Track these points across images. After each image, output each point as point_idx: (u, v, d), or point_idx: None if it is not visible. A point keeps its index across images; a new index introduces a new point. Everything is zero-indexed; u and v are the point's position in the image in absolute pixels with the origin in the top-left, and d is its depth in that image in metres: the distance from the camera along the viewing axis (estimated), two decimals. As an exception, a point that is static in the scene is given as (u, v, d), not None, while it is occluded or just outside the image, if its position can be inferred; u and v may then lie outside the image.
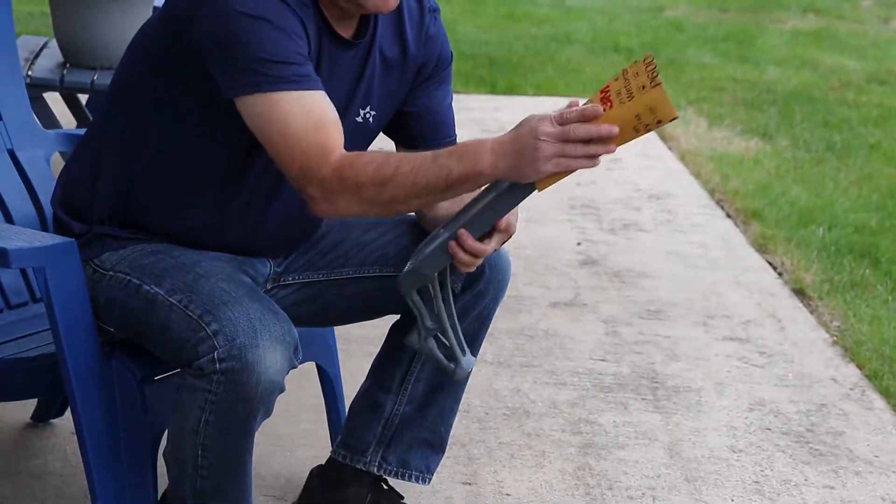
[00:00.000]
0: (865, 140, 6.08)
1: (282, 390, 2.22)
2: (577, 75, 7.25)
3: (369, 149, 2.49)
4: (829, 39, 8.66)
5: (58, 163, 3.81)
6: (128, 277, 2.34)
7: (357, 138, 2.47)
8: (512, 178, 2.15)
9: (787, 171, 5.54)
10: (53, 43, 4.37)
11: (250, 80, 2.18)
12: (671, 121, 2.06)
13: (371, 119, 2.45)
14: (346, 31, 2.36)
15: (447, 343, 2.36)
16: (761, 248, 4.59)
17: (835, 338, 3.85)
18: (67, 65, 4.18)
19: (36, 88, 4.12)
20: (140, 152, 2.37)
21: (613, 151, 2.09)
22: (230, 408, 2.19)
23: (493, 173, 2.14)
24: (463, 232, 2.23)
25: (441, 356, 2.36)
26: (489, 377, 3.45)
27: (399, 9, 2.42)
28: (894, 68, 7.76)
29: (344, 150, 2.21)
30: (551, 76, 7.19)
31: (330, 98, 2.28)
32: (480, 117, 6.24)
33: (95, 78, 4.06)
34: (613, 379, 3.51)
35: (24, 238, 2.36)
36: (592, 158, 2.09)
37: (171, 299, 2.26)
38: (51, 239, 2.39)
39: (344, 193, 2.19)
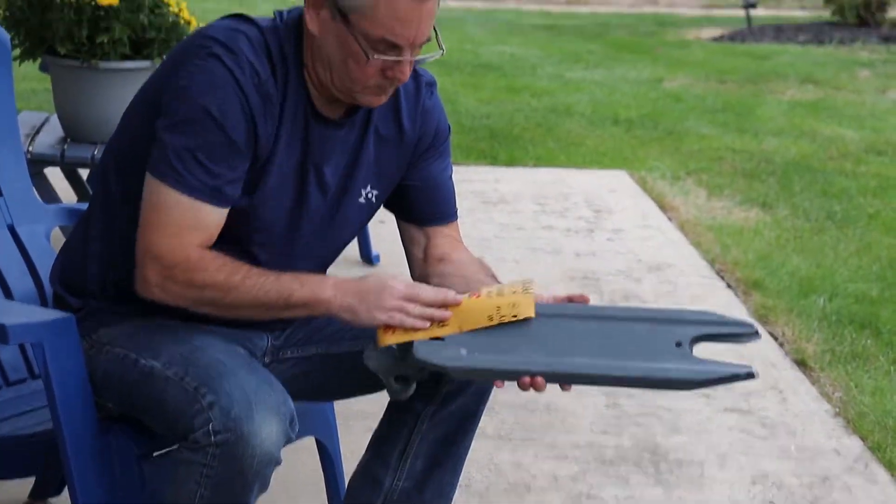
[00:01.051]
0: (864, 210, 6.10)
1: (278, 463, 2.20)
2: (578, 147, 7.28)
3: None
4: (827, 110, 8.71)
5: (58, 237, 3.83)
6: (124, 351, 2.34)
7: (360, 218, 2.48)
8: (347, 318, 2.24)
9: (786, 241, 5.55)
10: (54, 118, 4.40)
11: (163, 169, 2.24)
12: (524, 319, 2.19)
13: (374, 199, 2.47)
14: (334, 112, 2.37)
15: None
16: (762, 319, 4.59)
17: (837, 409, 3.83)
18: (68, 140, 4.21)
19: (37, 164, 4.14)
20: (123, 225, 2.38)
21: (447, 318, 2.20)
22: (226, 481, 2.18)
23: (333, 303, 2.23)
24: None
25: (392, 384, 2.30)
26: (490, 451, 3.44)
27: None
28: (892, 138, 7.80)
29: (204, 253, 2.26)
30: (552, 148, 7.23)
31: (329, 177, 2.33)
32: (481, 189, 6.26)
33: (96, 153, 4.08)
34: (615, 452, 3.49)
35: (22, 313, 2.36)
36: (426, 320, 2.20)
37: (167, 372, 2.26)
38: (49, 314, 2.39)
39: (185, 287, 2.26)
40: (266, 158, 2.31)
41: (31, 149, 4.16)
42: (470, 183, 6.32)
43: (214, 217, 2.28)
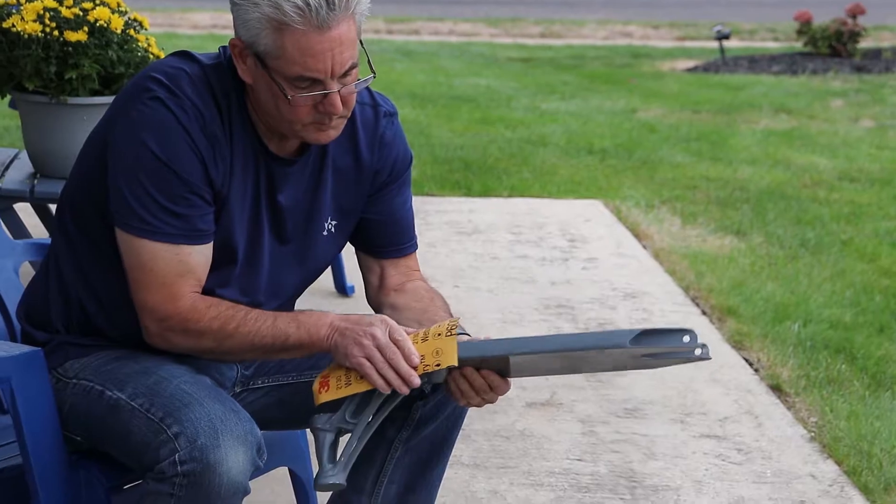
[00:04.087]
0: (838, 237, 6.12)
1: (246, 492, 2.19)
2: (552, 177, 7.29)
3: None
4: (800, 139, 8.75)
5: (28, 272, 3.81)
6: (91, 384, 2.33)
7: (326, 250, 2.48)
8: (333, 353, 2.27)
9: (761, 268, 5.56)
10: (24, 154, 4.38)
11: (130, 220, 2.25)
12: (448, 368, 2.23)
13: (334, 230, 2.46)
14: (286, 150, 2.37)
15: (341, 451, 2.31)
16: (737, 345, 4.59)
17: (812, 434, 3.83)
18: (38, 175, 4.19)
19: (6, 199, 4.13)
20: (82, 259, 2.38)
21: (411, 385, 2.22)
22: (194, 512, 2.16)
23: (328, 345, 2.27)
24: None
25: (324, 454, 2.29)
26: (466, 479, 3.42)
27: (352, 118, 2.42)
28: (865, 166, 7.84)
29: (195, 298, 2.28)
30: (526, 178, 7.24)
31: (287, 214, 2.34)
32: (456, 219, 6.26)
33: (66, 188, 4.06)
34: (591, 479, 3.48)
35: (-11, 348, 2.34)
36: (385, 384, 2.22)
37: (132, 403, 2.25)
38: (17, 349, 2.38)
39: (184, 336, 2.29)
40: (223, 200, 2.30)
41: (0, 184, 4.14)
42: (444, 213, 6.32)
43: (198, 256, 2.28)
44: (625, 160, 7.85)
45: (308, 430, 2.51)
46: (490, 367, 2.27)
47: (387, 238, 2.53)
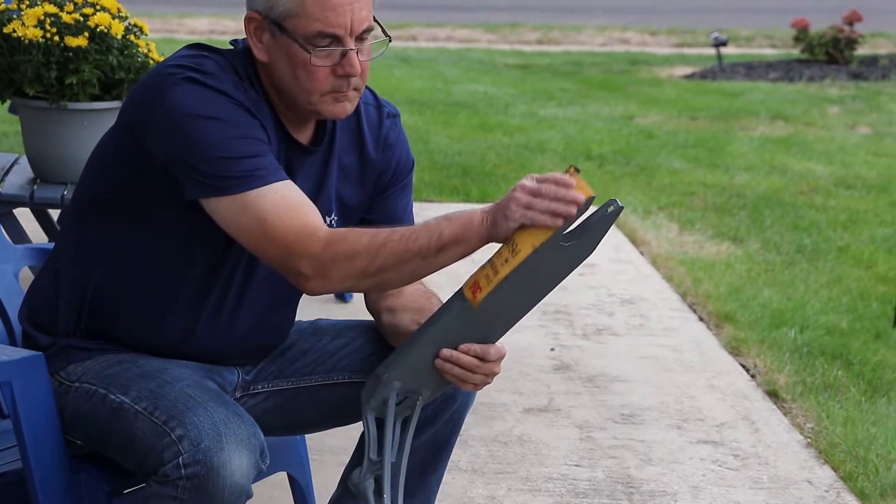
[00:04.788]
0: (834, 243, 6.13)
1: (249, 495, 2.20)
2: (549, 183, 7.30)
3: None
4: (797, 145, 8.76)
5: (27, 277, 3.82)
6: (94, 388, 2.34)
7: None
8: (492, 234, 2.16)
9: (758, 275, 5.58)
10: (24, 159, 4.39)
11: (214, 184, 2.21)
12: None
13: (334, 226, 2.46)
14: (302, 137, 2.38)
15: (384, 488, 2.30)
16: (734, 351, 4.60)
17: (809, 440, 3.85)
18: (38, 181, 4.20)
19: (6, 204, 4.14)
20: (98, 260, 2.38)
21: (573, 214, 2.12)
22: (197, 515, 2.17)
23: (484, 229, 2.16)
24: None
25: (371, 502, 2.29)
26: (464, 485, 3.43)
27: (357, 116, 2.44)
28: (861, 173, 7.85)
29: (334, 228, 2.24)
30: (523, 185, 7.24)
31: None
32: (453, 226, 6.26)
33: (65, 193, 4.08)
34: (588, 484, 3.49)
35: (-10, 352, 2.35)
36: (555, 217, 2.11)
37: (136, 407, 2.26)
38: (18, 353, 2.39)
39: (337, 266, 2.20)
40: None
41: (0, 189, 4.15)
42: (442, 220, 6.32)
43: (292, 188, 2.24)
44: (622, 166, 7.86)
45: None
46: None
47: None
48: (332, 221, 2.46)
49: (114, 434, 2.30)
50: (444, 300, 2.35)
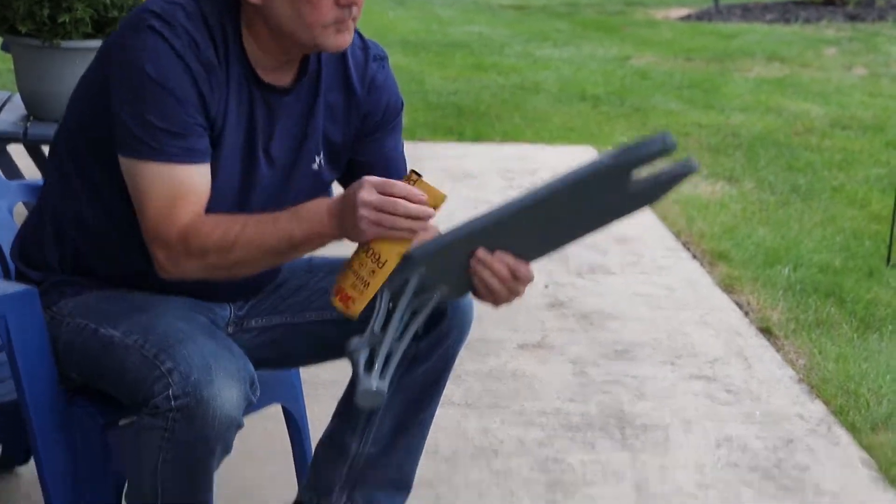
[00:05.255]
0: (829, 183, 6.14)
1: (239, 426, 2.22)
2: (545, 123, 7.30)
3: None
4: (793, 86, 8.75)
5: (22, 213, 3.83)
6: (85, 322, 2.35)
7: (316, 188, 2.48)
8: (345, 236, 2.18)
9: (752, 214, 5.59)
10: (17, 97, 4.39)
11: (131, 144, 2.24)
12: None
13: (322, 166, 2.46)
14: (282, 79, 2.37)
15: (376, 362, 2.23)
16: (727, 289, 4.62)
17: (801, 375, 3.87)
18: (31, 118, 4.20)
19: (0, 141, 4.14)
20: (79, 193, 2.39)
21: (426, 227, 2.15)
22: (187, 445, 2.19)
23: (336, 235, 2.19)
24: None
25: (360, 370, 2.23)
26: (457, 418, 3.46)
27: (343, 56, 2.44)
28: (857, 114, 7.85)
29: (194, 218, 2.24)
30: (518, 124, 7.24)
31: (277, 147, 2.33)
32: (448, 164, 6.27)
33: (59, 130, 4.07)
34: (581, 419, 3.52)
35: (-17, 287, 2.36)
36: (410, 232, 2.14)
37: (126, 340, 2.27)
38: (11, 287, 2.39)
39: (189, 259, 2.25)
40: (219, 127, 2.31)
41: (-7, 127, 4.16)
42: (437, 159, 6.33)
43: (197, 177, 2.26)
44: (617, 107, 7.85)
45: (300, 369, 2.51)
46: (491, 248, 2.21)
47: None
48: (321, 161, 2.45)
49: (105, 367, 2.31)
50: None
